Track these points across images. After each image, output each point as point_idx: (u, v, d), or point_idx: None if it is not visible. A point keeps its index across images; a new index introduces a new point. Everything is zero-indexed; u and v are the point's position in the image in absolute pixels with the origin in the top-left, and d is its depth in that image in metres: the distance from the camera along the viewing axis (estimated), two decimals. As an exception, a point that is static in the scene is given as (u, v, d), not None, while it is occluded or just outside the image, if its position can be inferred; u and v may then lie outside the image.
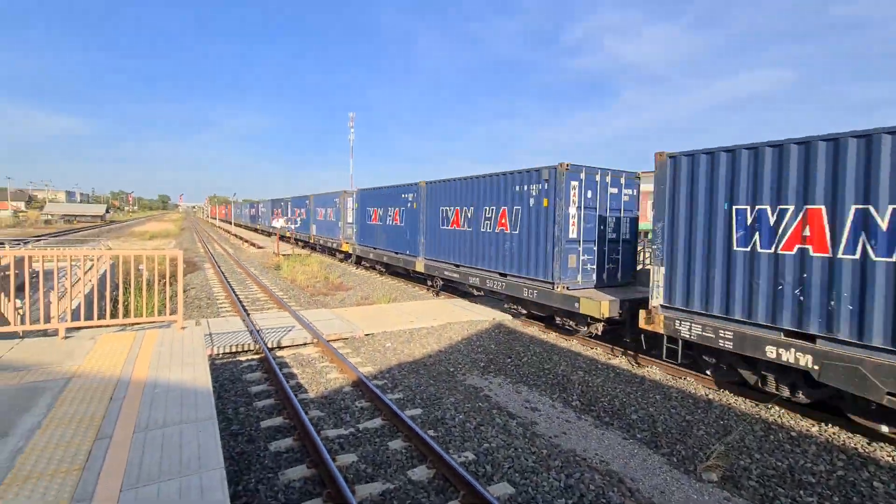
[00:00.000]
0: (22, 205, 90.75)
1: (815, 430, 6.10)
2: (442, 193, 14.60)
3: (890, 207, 5.38)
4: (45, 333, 5.74)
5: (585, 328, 9.75)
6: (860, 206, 5.61)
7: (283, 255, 25.66)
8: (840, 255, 5.77)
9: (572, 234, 10.14)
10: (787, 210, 6.28)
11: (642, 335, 8.92)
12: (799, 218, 6.16)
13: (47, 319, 6.32)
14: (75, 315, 5.73)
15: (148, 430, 3.21)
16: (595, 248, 10.63)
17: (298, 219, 32.35)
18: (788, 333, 6.27)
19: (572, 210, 10.11)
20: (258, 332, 9.55)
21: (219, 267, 21.12)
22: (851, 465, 5.29)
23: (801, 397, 6.39)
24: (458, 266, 13.72)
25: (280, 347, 9.06)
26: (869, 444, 5.73)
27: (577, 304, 9.39)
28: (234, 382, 7.25)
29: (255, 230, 51.28)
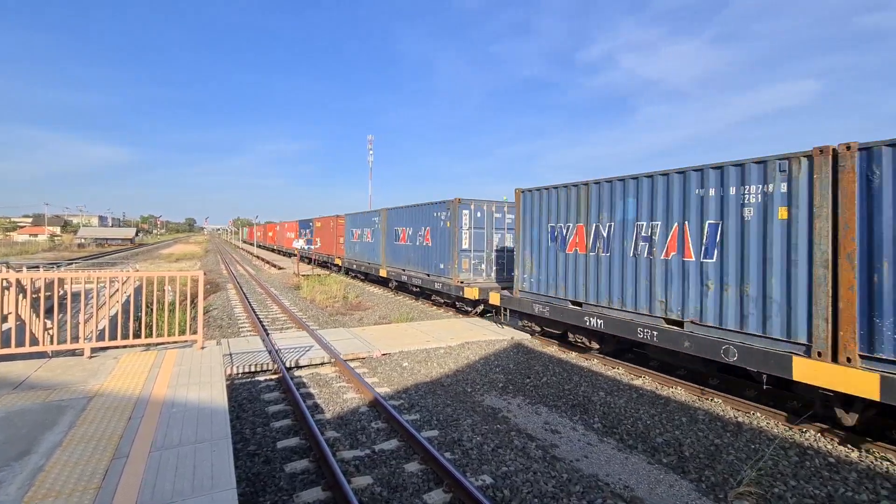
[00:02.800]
0: (58, 229, 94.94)
1: (854, 455, 5.74)
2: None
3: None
4: (73, 353, 5.91)
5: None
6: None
7: (303, 275, 26.02)
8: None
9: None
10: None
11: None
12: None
13: (75, 339, 6.51)
14: (101, 335, 5.90)
15: (163, 450, 3.23)
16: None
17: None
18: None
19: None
20: (277, 351, 9.62)
21: (240, 287, 21.51)
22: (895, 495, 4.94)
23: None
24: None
25: (298, 367, 9.09)
26: (916, 471, 5.35)
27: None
28: (252, 402, 7.28)
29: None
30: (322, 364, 9.33)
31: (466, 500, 4.53)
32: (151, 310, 11.09)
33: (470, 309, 14.94)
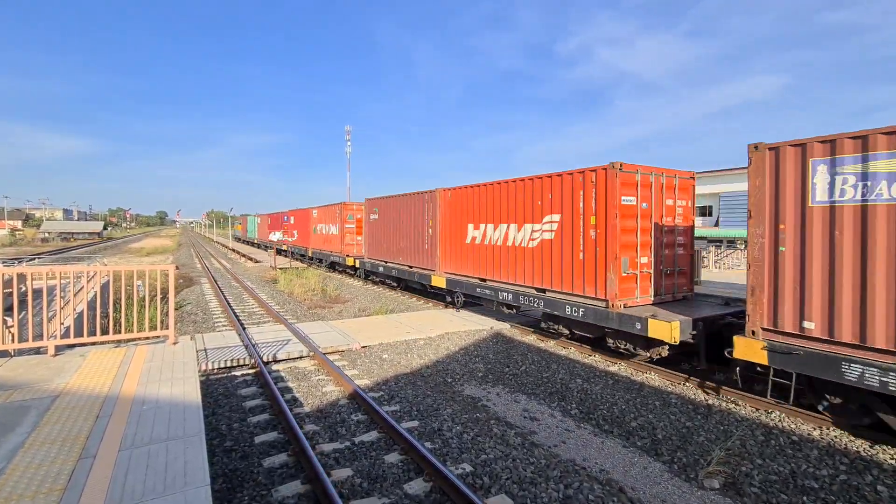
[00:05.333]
0: (19, 223, 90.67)
1: (816, 433, 6.02)
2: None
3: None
4: (36, 352, 5.67)
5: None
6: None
7: (280, 268, 25.58)
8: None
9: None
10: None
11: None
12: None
13: (39, 337, 6.25)
14: (67, 333, 5.67)
15: (133, 448, 3.14)
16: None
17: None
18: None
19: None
20: (254, 346, 9.46)
21: (215, 281, 21.02)
22: (854, 469, 5.21)
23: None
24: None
25: (276, 361, 8.96)
26: (872, 446, 5.66)
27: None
28: (229, 397, 7.15)
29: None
30: (301, 357, 9.23)
31: (447, 488, 4.57)
32: (121, 305, 10.73)
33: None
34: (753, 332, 6.58)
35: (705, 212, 35.05)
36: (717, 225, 33.56)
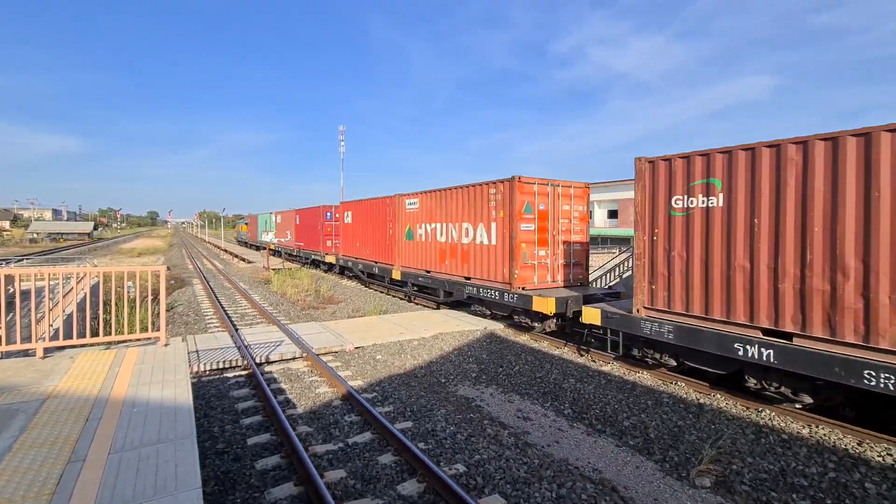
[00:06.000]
0: (6, 224, 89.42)
1: (805, 431, 6.10)
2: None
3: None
4: (24, 354, 5.59)
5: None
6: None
7: (273, 269, 25.45)
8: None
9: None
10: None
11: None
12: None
13: (27, 339, 6.16)
14: (56, 335, 5.60)
15: (124, 451, 3.10)
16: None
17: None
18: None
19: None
20: (246, 347, 9.40)
21: (207, 283, 20.86)
22: (843, 467, 5.29)
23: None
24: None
25: (268, 362, 8.91)
26: (860, 444, 5.74)
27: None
28: (221, 399, 7.10)
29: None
30: (294, 359, 9.18)
31: (440, 489, 4.57)
32: (111, 307, 10.64)
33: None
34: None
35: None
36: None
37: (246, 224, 57.22)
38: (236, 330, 11.33)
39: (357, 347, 9.96)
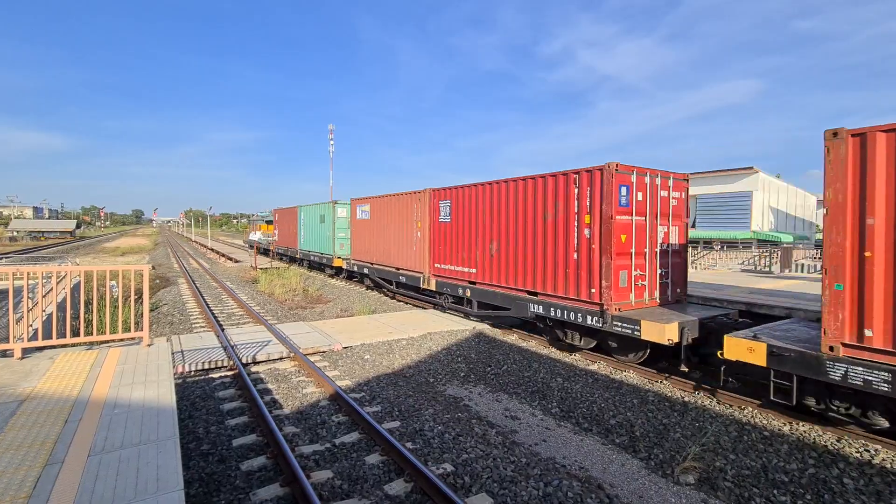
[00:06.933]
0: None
1: (786, 429, 6.21)
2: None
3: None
4: (2, 355, 5.46)
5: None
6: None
7: (261, 268, 25.19)
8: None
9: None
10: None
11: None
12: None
13: (4, 340, 6.01)
14: (36, 335, 5.47)
15: (104, 453, 3.05)
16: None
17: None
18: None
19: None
20: (232, 347, 9.29)
21: (193, 282, 20.58)
22: (822, 463, 5.40)
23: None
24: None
25: (255, 363, 8.82)
26: (839, 440, 5.86)
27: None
28: (206, 400, 7.01)
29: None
30: (281, 359, 9.10)
31: (427, 488, 4.57)
32: (93, 307, 10.46)
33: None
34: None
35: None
36: (693, 226, 34.52)
37: (268, 223, 38.65)
38: (222, 330, 11.19)
39: (345, 347, 9.91)
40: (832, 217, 5.66)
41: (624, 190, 8.69)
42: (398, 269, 15.88)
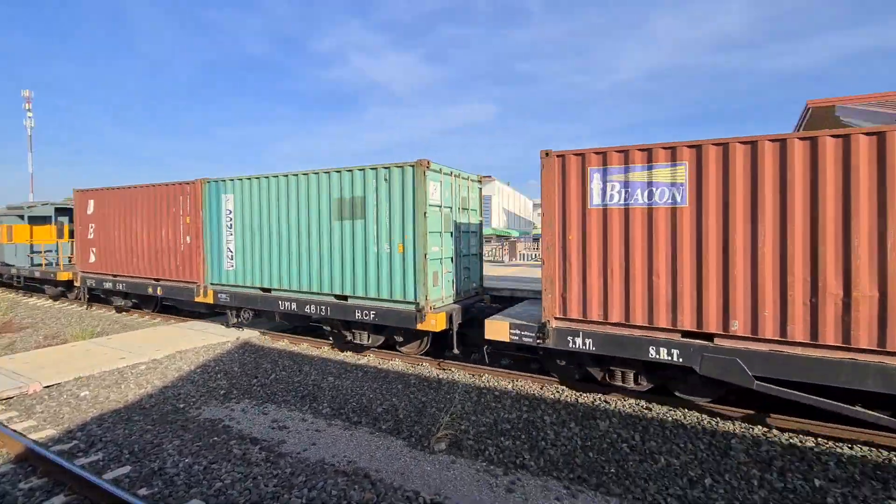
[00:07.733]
0: None
1: (510, 386, 7.78)
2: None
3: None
4: None
5: None
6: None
7: None
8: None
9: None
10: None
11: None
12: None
13: None
14: None
15: None
16: None
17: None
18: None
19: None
20: None
21: None
22: (531, 408, 6.97)
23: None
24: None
25: None
26: (542, 388, 7.68)
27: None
28: None
29: None
30: (-77, 421, 6.25)
31: (166, 537, 3.88)
32: None
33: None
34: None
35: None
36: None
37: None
38: None
39: (48, 386, 7.52)
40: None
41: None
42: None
